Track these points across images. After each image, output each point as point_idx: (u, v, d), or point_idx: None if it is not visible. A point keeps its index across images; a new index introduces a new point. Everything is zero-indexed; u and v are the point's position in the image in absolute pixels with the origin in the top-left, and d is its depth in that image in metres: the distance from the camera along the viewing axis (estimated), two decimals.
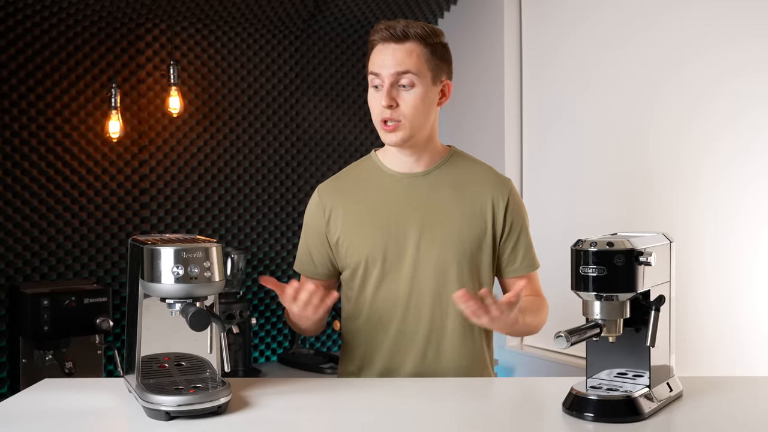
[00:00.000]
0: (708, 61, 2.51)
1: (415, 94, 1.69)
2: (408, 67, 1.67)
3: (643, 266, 1.37)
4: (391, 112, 1.68)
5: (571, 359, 2.87)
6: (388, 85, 1.68)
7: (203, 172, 3.19)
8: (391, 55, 1.68)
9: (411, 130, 1.70)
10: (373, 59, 1.71)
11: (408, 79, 1.68)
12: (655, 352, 1.43)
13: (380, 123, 1.71)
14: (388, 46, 1.69)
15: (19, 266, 2.78)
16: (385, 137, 1.72)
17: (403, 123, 1.69)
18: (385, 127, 1.70)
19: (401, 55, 1.67)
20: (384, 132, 1.71)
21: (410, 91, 1.68)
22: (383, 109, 1.68)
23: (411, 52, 1.68)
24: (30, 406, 1.48)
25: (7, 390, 2.68)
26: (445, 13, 3.53)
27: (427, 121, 1.73)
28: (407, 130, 1.70)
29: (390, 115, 1.68)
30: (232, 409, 1.42)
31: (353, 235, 1.76)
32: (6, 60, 2.76)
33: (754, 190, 2.39)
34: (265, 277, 1.55)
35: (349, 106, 3.56)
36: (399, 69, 1.67)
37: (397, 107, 1.68)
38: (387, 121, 1.69)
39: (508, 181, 1.82)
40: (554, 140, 3.09)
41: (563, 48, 3.05)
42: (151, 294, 1.41)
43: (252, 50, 3.30)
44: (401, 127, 1.69)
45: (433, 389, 1.55)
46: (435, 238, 1.74)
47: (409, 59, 1.67)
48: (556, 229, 2.96)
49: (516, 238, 1.79)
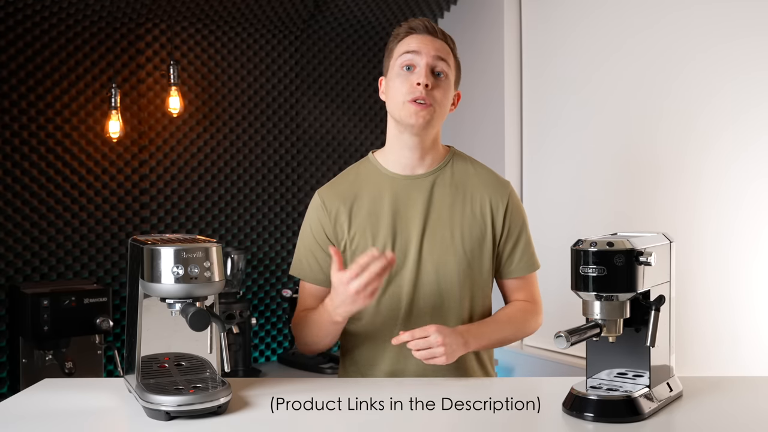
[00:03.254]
0: (709, 60, 2.51)
1: (446, 86, 1.72)
2: (446, 59, 1.73)
3: (643, 266, 1.37)
4: (426, 93, 1.68)
5: (571, 359, 2.87)
6: (426, 65, 1.69)
7: (203, 172, 3.19)
8: (430, 42, 1.72)
9: (436, 116, 1.71)
10: (407, 41, 1.72)
11: (443, 66, 1.71)
12: (655, 352, 1.43)
13: (409, 102, 1.69)
14: (426, 36, 1.73)
15: (19, 266, 2.78)
16: (411, 115, 1.69)
17: (433, 107, 1.70)
18: (416, 105, 1.68)
19: (440, 46, 1.73)
20: (414, 109, 1.68)
21: (443, 81, 1.72)
22: (418, 87, 1.68)
23: (447, 51, 1.75)
24: (30, 406, 1.48)
25: (7, 390, 2.68)
26: (445, 13, 3.53)
27: (443, 118, 1.75)
28: (433, 115, 1.70)
29: (425, 94, 1.68)
30: (232, 409, 1.42)
31: (360, 240, 1.75)
32: (6, 60, 2.76)
33: (755, 189, 2.39)
34: (334, 249, 1.58)
35: (349, 106, 3.56)
36: (440, 55, 1.71)
37: (432, 90, 1.69)
38: (418, 100, 1.68)
39: (508, 184, 1.82)
40: (554, 140, 3.09)
41: (563, 48, 3.05)
42: (151, 294, 1.41)
43: (252, 50, 3.30)
44: (430, 109, 1.69)
45: (434, 389, 1.55)
46: (436, 240, 1.73)
47: (447, 54, 1.74)
48: (555, 229, 2.96)
49: (515, 239, 1.79)
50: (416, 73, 1.69)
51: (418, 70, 1.69)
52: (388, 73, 1.77)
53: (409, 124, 1.70)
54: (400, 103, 1.70)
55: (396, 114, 1.72)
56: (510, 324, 1.77)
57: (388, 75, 1.77)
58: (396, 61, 1.73)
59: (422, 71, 1.69)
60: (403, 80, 1.70)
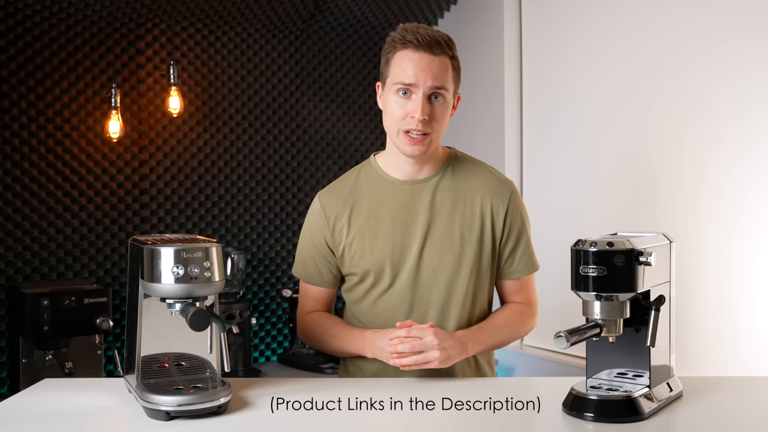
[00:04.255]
0: (710, 60, 2.51)
1: (443, 107, 1.68)
2: (444, 83, 1.65)
3: (643, 266, 1.37)
4: (423, 126, 1.64)
5: (571, 359, 2.87)
6: (423, 97, 1.64)
7: (203, 172, 3.19)
8: (427, 67, 1.63)
9: (434, 143, 1.69)
10: (405, 66, 1.64)
11: (441, 92, 1.66)
12: (655, 352, 1.43)
13: (401, 132, 1.66)
14: (423, 56, 1.64)
15: (19, 266, 2.78)
16: (406, 148, 1.67)
17: (431, 136, 1.67)
18: (410, 138, 1.66)
19: (437, 68, 1.64)
20: (407, 142, 1.66)
21: (441, 104, 1.67)
22: (414, 120, 1.64)
23: (445, 67, 1.66)
24: (30, 406, 1.48)
25: (7, 390, 2.68)
26: (445, 13, 3.53)
27: (443, 132, 1.72)
28: (431, 144, 1.68)
29: (423, 128, 1.64)
30: (232, 409, 1.42)
31: (359, 245, 1.75)
32: (6, 60, 2.76)
33: (758, 190, 2.38)
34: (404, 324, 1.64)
35: (349, 106, 3.56)
36: (437, 84, 1.64)
37: (429, 120, 1.65)
38: (411, 132, 1.65)
39: (510, 184, 1.80)
40: (554, 140, 3.09)
41: (563, 48, 3.05)
42: (151, 294, 1.41)
43: (252, 50, 3.30)
44: (427, 140, 1.67)
45: (434, 389, 1.55)
46: (436, 243, 1.73)
47: (444, 75, 1.66)
48: (555, 229, 2.96)
49: (515, 241, 1.78)
50: (412, 102, 1.64)
51: (414, 99, 1.64)
52: (384, 84, 1.72)
53: (405, 155, 1.70)
54: (395, 131, 1.68)
55: (392, 137, 1.71)
56: (507, 327, 1.78)
57: (384, 87, 1.72)
58: (390, 78, 1.68)
59: (418, 104, 1.63)
60: (399, 106, 1.66)
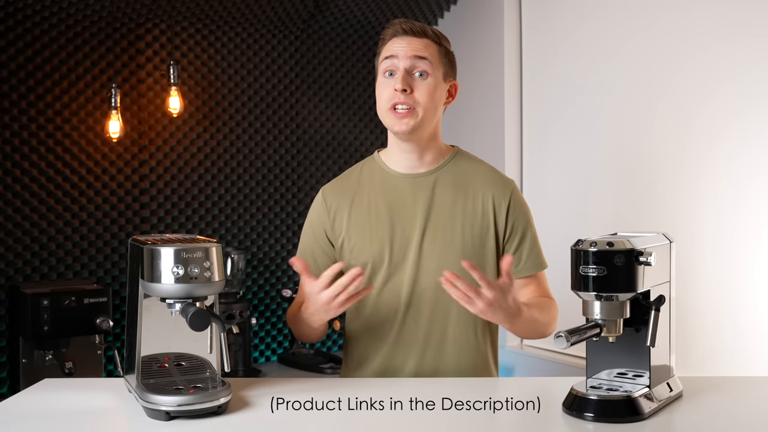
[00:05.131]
0: (709, 60, 2.51)
1: (429, 83, 1.70)
2: (426, 53, 1.70)
3: (643, 266, 1.37)
4: (405, 97, 1.67)
5: (571, 359, 2.87)
6: (403, 69, 1.69)
7: (203, 172, 3.19)
8: (408, 43, 1.71)
9: (422, 119, 1.70)
10: (389, 46, 1.73)
11: (424, 65, 1.69)
12: (655, 352, 1.43)
13: (389, 110, 1.69)
14: (404, 37, 1.71)
15: (19, 266, 2.78)
16: (394, 124, 1.70)
17: (416, 111, 1.69)
18: (396, 113, 1.69)
19: (418, 45, 1.71)
20: (394, 118, 1.69)
21: (425, 80, 1.70)
22: (396, 93, 1.67)
23: (428, 45, 1.72)
24: (30, 406, 1.48)
25: (7, 390, 2.68)
26: (445, 13, 3.53)
27: (435, 115, 1.73)
28: (418, 119, 1.69)
29: (404, 99, 1.67)
30: (232, 409, 1.42)
31: (358, 237, 1.76)
32: (6, 60, 2.76)
33: (756, 188, 2.39)
34: (297, 259, 1.57)
35: (349, 106, 3.56)
36: (417, 54, 1.69)
37: (411, 93, 1.68)
38: (398, 107, 1.68)
39: (511, 182, 1.81)
40: (554, 140, 3.09)
41: (563, 48, 3.05)
42: (151, 294, 1.41)
43: (252, 50, 3.30)
44: (413, 114, 1.68)
45: (434, 389, 1.55)
46: (437, 238, 1.74)
47: (426, 50, 1.71)
48: (555, 229, 2.96)
49: (519, 238, 1.78)
50: (395, 78, 1.69)
51: (397, 75, 1.69)
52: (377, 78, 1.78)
53: (395, 132, 1.72)
54: (384, 111, 1.72)
55: (384, 120, 1.74)
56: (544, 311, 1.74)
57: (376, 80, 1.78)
58: (380, 67, 1.75)
59: (399, 76, 1.68)
60: (385, 87, 1.71)
